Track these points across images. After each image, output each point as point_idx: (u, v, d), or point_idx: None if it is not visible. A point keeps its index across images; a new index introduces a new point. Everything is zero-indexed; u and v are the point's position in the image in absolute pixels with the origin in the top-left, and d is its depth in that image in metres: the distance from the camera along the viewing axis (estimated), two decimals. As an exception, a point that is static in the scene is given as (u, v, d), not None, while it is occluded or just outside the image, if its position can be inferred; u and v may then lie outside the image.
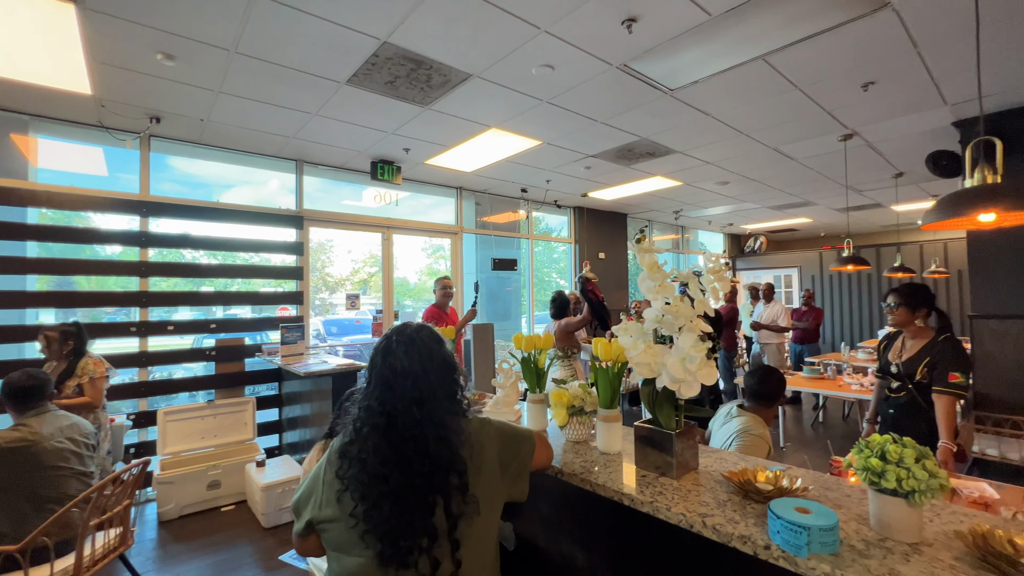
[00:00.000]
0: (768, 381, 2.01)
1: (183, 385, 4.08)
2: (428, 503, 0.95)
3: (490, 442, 1.08)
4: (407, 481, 0.96)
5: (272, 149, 4.28)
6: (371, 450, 0.99)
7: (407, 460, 0.97)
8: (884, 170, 5.24)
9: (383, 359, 1.06)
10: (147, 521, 3.40)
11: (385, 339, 1.10)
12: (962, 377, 2.32)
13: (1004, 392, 3.61)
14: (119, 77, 2.90)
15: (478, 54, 2.70)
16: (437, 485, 0.97)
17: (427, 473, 0.97)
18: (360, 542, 0.95)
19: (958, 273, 8.02)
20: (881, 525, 0.90)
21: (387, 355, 1.06)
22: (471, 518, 0.98)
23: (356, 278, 11.82)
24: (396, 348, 1.06)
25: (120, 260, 3.84)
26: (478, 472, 1.02)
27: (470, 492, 0.99)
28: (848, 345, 6.12)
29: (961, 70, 2.94)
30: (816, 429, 5.47)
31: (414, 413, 1.01)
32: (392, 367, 1.04)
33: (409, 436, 0.99)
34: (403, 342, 1.07)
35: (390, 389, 1.03)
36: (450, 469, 0.98)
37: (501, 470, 1.07)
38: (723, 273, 1.27)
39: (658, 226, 8.92)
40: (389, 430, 1.00)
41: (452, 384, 1.09)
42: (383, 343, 1.09)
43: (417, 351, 1.06)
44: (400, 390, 1.02)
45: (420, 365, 1.05)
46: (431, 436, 0.99)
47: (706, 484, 1.17)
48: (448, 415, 1.04)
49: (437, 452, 0.98)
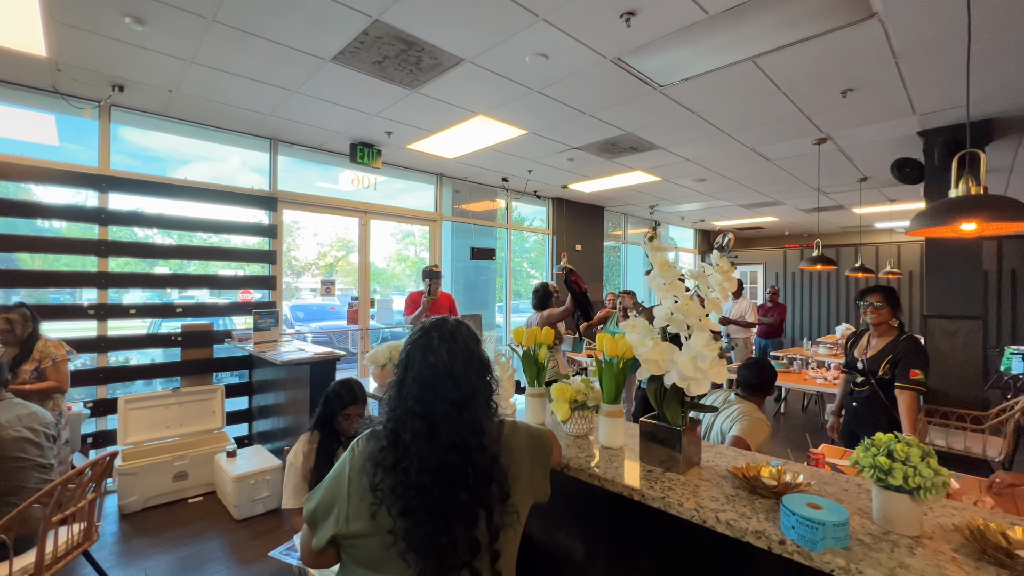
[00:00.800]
0: (764, 374, 2.09)
1: (147, 372, 3.87)
2: (471, 516, 0.91)
3: (521, 447, 1.05)
4: (451, 494, 0.91)
5: (245, 126, 4.06)
6: (415, 459, 0.91)
7: (450, 470, 0.91)
8: (850, 174, 5.48)
9: (423, 355, 0.98)
10: (107, 514, 3.23)
11: (423, 334, 1.02)
12: (922, 374, 2.47)
13: (951, 387, 3.89)
14: (80, 40, 2.68)
15: (473, 38, 2.63)
16: (480, 497, 0.93)
17: (470, 485, 0.92)
18: (399, 560, 0.89)
19: (909, 274, 8.53)
20: (885, 519, 0.95)
21: (427, 352, 0.98)
22: (511, 528, 0.96)
23: (323, 262, 11.51)
24: (438, 345, 0.98)
25: (78, 238, 3.58)
26: (516, 480, 0.99)
27: (510, 501, 0.96)
28: (810, 340, 6.42)
29: (933, 81, 3.09)
30: (778, 420, 5.74)
31: (455, 419, 0.94)
32: (433, 366, 0.97)
33: (451, 443, 0.93)
34: (445, 339, 0.99)
35: (431, 389, 0.95)
36: (491, 479, 0.94)
37: (530, 473, 1.04)
38: (731, 273, 1.29)
39: (633, 220, 9.05)
40: (432, 436, 0.93)
41: (489, 387, 1.03)
42: (421, 338, 1.01)
43: (459, 349, 0.99)
44: (441, 391, 0.95)
45: (462, 365, 0.98)
46: (473, 444, 0.94)
47: (711, 479, 1.20)
48: (487, 420, 0.99)
49: (479, 461, 0.93)
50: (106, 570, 2.58)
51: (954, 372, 3.87)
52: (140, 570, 2.65)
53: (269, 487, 3.26)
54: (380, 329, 6.64)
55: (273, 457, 3.48)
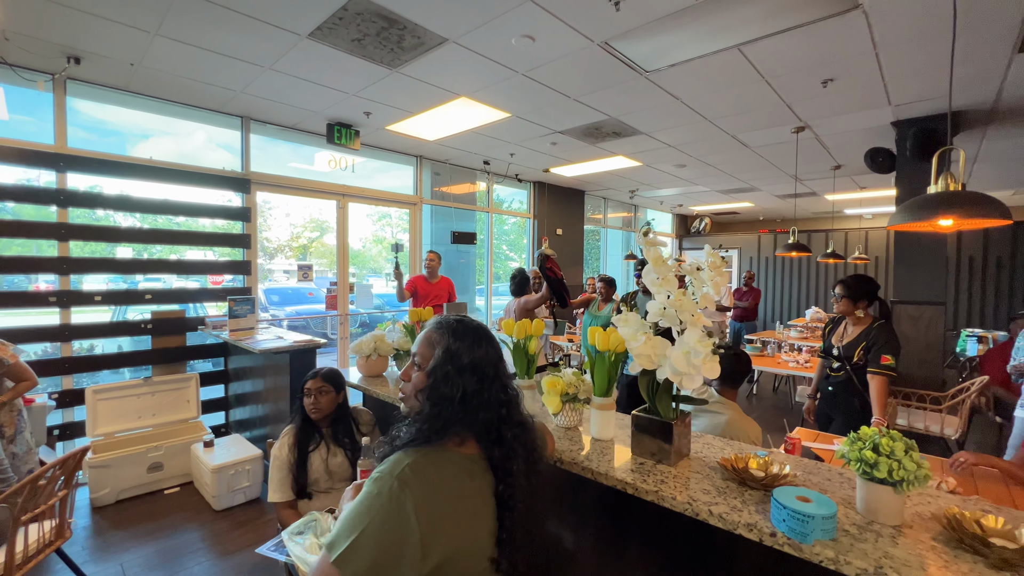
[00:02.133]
0: (739, 363, 2.13)
1: (116, 360, 3.73)
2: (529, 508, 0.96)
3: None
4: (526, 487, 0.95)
5: (215, 103, 3.87)
6: (522, 458, 0.95)
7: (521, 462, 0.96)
8: (825, 162, 5.60)
9: (476, 345, 0.97)
10: (78, 508, 3.13)
11: (468, 328, 1.00)
12: (892, 359, 2.58)
13: (915, 369, 4.08)
14: (30, 5, 2.47)
15: (458, 18, 2.54)
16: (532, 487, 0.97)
17: (525, 474, 0.96)
18: (489, 566, 0.89)
19: (875, 259, 8.85)
20: (869, 510, 0.99)
21: (476, 346, 0.97)
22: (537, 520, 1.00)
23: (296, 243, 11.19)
24: (486, 343, 0.99)
25: (36, 221, 3.37)
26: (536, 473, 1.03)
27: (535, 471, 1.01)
28: (782, 324, 6.62)
29: (910, 73, 3.15)
30: (750, 401, 5.94)
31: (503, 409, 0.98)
32: (492, 360, 0.98)
33: (512, 436, 0.97)
34: (485, 338, 1.00)
35: (497, 379, 0.97)
36: (531, 472, 0.98)
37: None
38: (722, 268, 1.30)
39: (613, 204, 9.09)
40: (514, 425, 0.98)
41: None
42: (468, 332, 0.99)
43: (495, 350, 1.01)
44: (502, 381, 0.98)
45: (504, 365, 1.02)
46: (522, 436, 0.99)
47: (701, 471, 1.23)
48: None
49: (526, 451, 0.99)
50: (81, 566, 2.52)
51: (916, 355, 4.06)
52: (116, 564, 2.59)
53: (249, 476, 3.21)
54: (359, 314, 6.54)
55: (252, 446, 3.41)
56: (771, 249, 10.22)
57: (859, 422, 2.72)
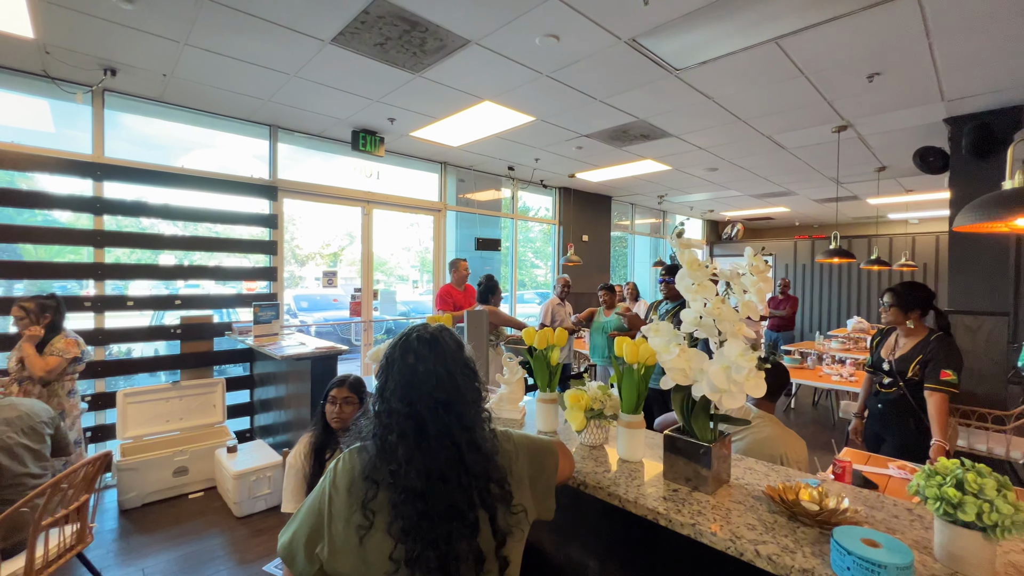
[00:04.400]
0: (776, 374, 1.95)
1: (146, 365, 3.80)
2: (472, 522, 0.84)
3: (517, 455, 0.97)
4: (446, 498, 0.84)
5: (244, 112, 3.93)
6: (403, 460, 0.85)
7: (442, 473, 0.85)
8: (868, 163, 5.29)
9: (402, 355, 0.93)
10: (106, 510, 3.18)
11: (403, 337, 0.97)
12: (953, 375, 2.34)
13: (974, 385, 3.75)
14: (67, 20, 2.55)
15: (481, 18, 2.48)
16: (480, 499, 0.86)
17: (466, 487, 0.85)
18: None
19: (924, 266, 8.33)
20: (951, 558, 0.83)
21: (407, 352, 0.93)
22: (518, 530, 0.89)
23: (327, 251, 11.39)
24: (418, 346, 0.93)
25: (72, 228, 3.48)
26: (519, 484, 0.93)
27: (516, 502, 0.90)
28: (822, 334, 6.27)
29: (968, 64, 2.91)
30: (788, 415, 5.63)
31: (442, 416, 0.88)
32: (413, 366, 0.91)
33: (440, 445, 0.86)
34: (425, 340, 0.94)
35: (413, 388, 0.90)
36: (489, 479, 0.88)
37: (531, 486, 0.97)
38: (766, 272, 1.17)
39: (640, 210, 8.88)
40: (419, 436, 0.87)
41: (477, 390, 0.96)
42: (400, 340, 0.96)
43: (440, 350, 0.94)
44: (424, 389, 0.89)
45: (444, 366, 0.92)
46: (463, 442, 0.88)
47: (744, 501, 1.09)
48: (477, 420, 0.92)
49: (473, 461, 0.87)
50: (103, 570, 2.54)
51: (975, 370, 3.74)
52: (138, 569, 2.59)
53: (270, 483, 3.19)
54: (384, 320, 6.55)
55: (274, 453, 3.40)
56: (808, 256, 9.76)
57: (915, 444, 2.50)
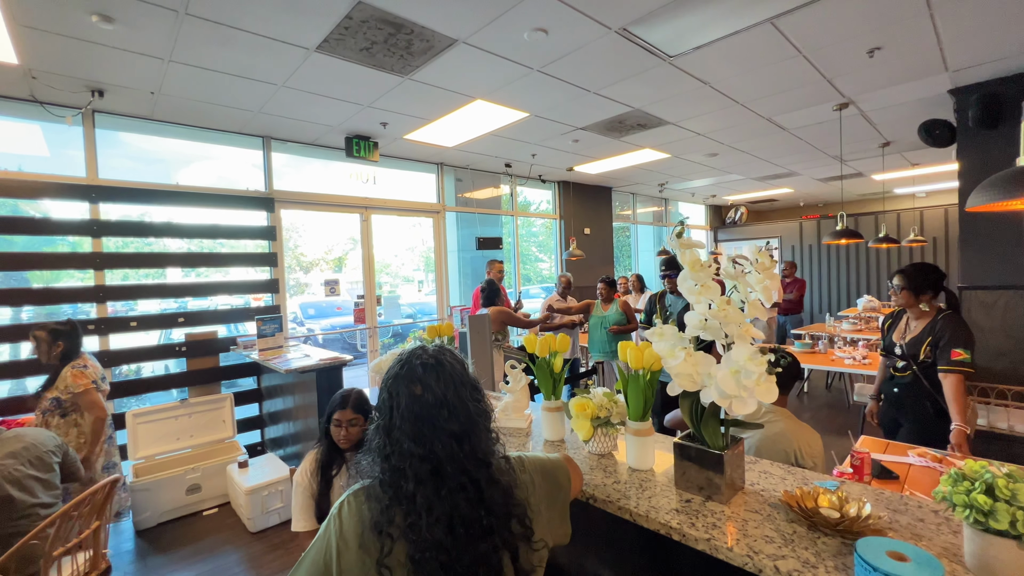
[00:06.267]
0: (787, 369, 1.89)
1: (153, 384, 3.80)
2: (497, 568, 0.78)
3: (533, 485, 0.91)
4: (470, 546, 0.77)
5: (235, 125, 3.90)
6: (423, 510, 0.77)
7: (465, 518, 0.78)
8: (872, 139, 5.18)
9: (408, 388, 0.84)
10: (122, 531, 3.19)
11: (404, 365, 0.87)
12: (965, 353, 2.26)
13: (991, 362, 3.66)
14: (50, 43, 2.52)
15: (465, 16, 2.42)
16: (503, 541, 0.79)
17: (488, 529, 0.78)
18: None
19: (932, 240, 8.19)
20: (983, 568, 0.79)
21: (412, 382, 0.84)
22: (540, 568, 0.84)
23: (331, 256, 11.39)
24: (423, 373, 0.84)
25: (71, 252, 3.47)
26: (537, 516, 0.87)
27: (537, 537, 0.84)
28: (832, 316, 6.18)
29: (972, 31, 2.81)
30: (802, 400, 5.56)
31: (457, 452, 0.81)
32: (422, 398, 0.83)
33: (459, 485, 0.79)
34: (430, 366, 0.85)
35: (425, 423, 0.81)
36: (510, 515, 0.81)
37: (547, 512, 0.91)
38: (772, 268, 1.12)
39: (641, 199, 8.79)
40: (438, 480, 0.79)
41: (487, 413, 0.89)
42: (403, 370, 0.86)
43: (447, 374, 0.85)
44: (437, 423, 0.81)
45: (454, 391, 0.84)
46: (483, 479, 0.81)
47: (760, 509, 1.05)
48: (491, 450, 0.86)
49: (492, 498, 0.80)
50: (120, 594, 2.54)
51: (993, 346, 3.65)
52: (155, 591, 2.59)
53: (283, 497, 3.19)
54: (390, 325, 6.54)
55: (285, 466, 3.40)
56: (814, 236, 9.62)
57: (934, 429, 2.43)
